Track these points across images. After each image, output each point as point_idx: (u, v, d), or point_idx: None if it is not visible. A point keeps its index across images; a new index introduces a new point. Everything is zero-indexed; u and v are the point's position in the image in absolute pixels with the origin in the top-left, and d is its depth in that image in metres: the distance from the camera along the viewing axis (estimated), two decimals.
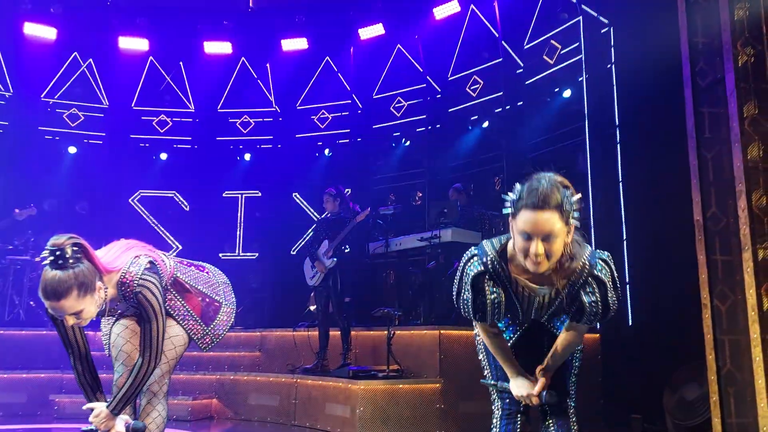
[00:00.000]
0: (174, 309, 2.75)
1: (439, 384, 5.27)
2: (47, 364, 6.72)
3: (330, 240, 6.29)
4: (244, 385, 6.50)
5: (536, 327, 2.40)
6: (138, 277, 2.42)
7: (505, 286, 2.15)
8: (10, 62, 8.95)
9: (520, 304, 2.20)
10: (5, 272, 7.80)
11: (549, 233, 1.95)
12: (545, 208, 1.93)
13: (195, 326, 2.78)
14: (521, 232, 1.98)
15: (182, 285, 2.78)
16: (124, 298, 2.45)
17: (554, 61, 7.15)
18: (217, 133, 9.65)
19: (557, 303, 2.16)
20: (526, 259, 2.00)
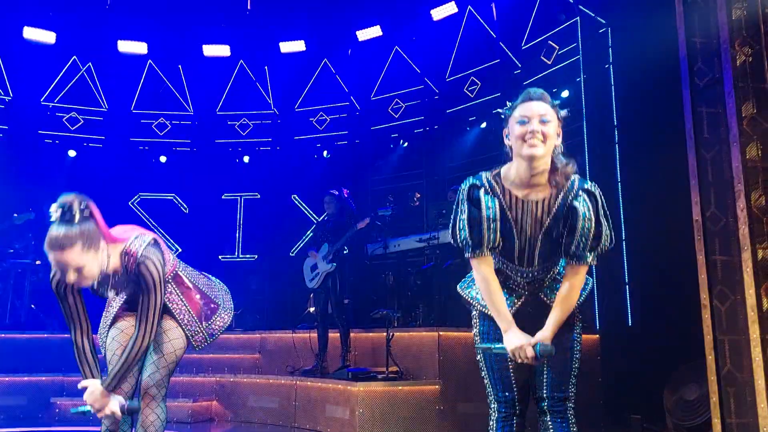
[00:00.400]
0: (171, 302, 2.74)
1: (438, 385, 5.27)
2: (48, 367, 6.73)
3: (330, 243, 6.29)
4: (244, 387, 6.50)
5: (533, 302, 2.38)
6: (141, 249, 2.47)
7: (500, 202, 2.27)
8: (10, 66, 8.96)
9: (515, 221, 2.28)
10: (6, 275, 7.80)
11: (544, 115, 2.22)
12: (540, 99, 2.26)
13: (191, 322, 2.77)
14: (519, 119, 2.24)
15: (182, 281, 2.79)
16: (126, 270, 2.48)
17: (552, 62, 7.15)
18: (216, 135, 9.65)
19: (551, 219, 2.26)
20: (524, 145, 2.20)
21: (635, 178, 5.96)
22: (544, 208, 2.27)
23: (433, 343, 5.46)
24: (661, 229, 5.44)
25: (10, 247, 7.86)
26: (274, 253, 9.40)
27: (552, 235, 2.28)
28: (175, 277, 2.78)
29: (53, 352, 6.90)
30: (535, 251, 2.32)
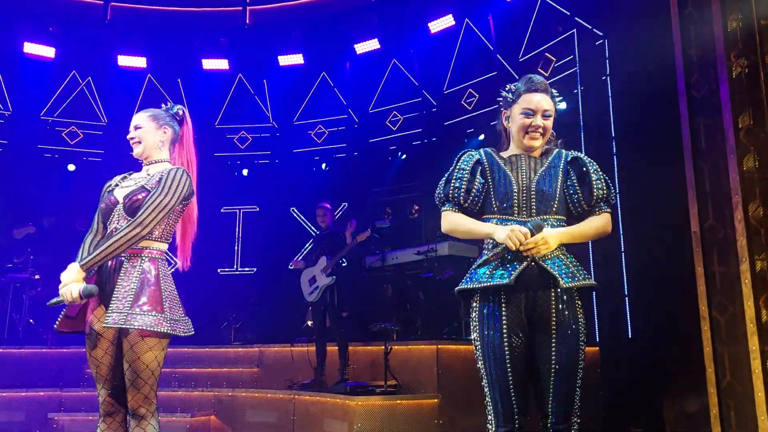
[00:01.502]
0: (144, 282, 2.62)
1: (437, 399, 5.23)
2: (46, 382, 6.69)
3: (328, 257, 6.29)
4: (242, 402, 6.46)
5: (537, 269, 2.33)
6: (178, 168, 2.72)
7: (497, 165, 2.46)
8: (10, 81, 8.99)
9: (512, 168, 2.44)
10: (5, 290, 7.78)
11: (546, 110, 2.44)
12: (544, 91, 2.46)
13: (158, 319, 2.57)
14: (524, 110, 2.44)
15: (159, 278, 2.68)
16: (159, 173, 2.70)
17: (549, 74, 7.17)
18: (215, 149, 9.66)
19: (544, 168, 2.43)
20: (525, 136, 2.44)
21: (633, 189, 5.96)
22: (537, 161, 2.48)
23: (431, 356, 5.43)
24: (660, 241, 5.43)
25: (9, 261, 7.85)
26: (272, 266, 9.37)
27: (546, 184, 2.40)
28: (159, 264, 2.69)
29: (51, 367, 6.88)
30: (531, 196, 2.38)
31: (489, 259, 2.38)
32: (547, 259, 2.34)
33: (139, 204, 2.61)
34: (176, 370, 6.93)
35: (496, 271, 2.34)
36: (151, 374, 2.57)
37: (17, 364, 6.92)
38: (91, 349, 2.62)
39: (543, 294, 2.33)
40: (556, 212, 2.41)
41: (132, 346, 2.54)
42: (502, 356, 2.30)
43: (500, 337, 2.31)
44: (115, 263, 2.63)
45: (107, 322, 2.50)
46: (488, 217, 2.44)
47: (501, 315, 2.32)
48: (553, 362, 2.29)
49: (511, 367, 2.30)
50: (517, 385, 2.31)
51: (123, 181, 2.83)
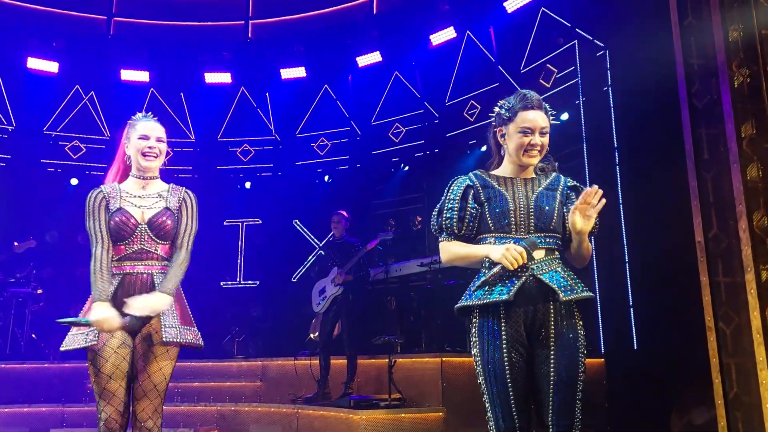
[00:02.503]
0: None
1: (441, 413, 5.20)
2: (49, 398, 6.68)
3: (339, 267, 6.26)
4: (246, 416, 6.42)
5: (535, 284, 2.33)
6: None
7: (490, 186, 2.46)
8: (14, 96, 9.04)
9: (507, 188, 2.45)
10: (7, 305, 7.77)
11: (544, 128, 2.45)
12: (539, 108, 2.46)
13: (184, 330, 2.74)
14: (522, 129, 2.43)
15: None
16: (168, 194, 2.81)
17: (551, 85, 7.18)
18: (218, 161, 9.69)
19: (542, 189, 2.44)
20: (524, 155, 2.43)
21: (637, 199, 5.94)
22: (534, 182, 2.49)
23: (436, 369, 5.40)
24: (664, 251, 5.40)
25: (12, 276, 7.85)
26: (275, 279, 9.36)
27: (544, 203, 2.41)
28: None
29: (53, 382, 6.87)
30: (530, 213, 2.38)
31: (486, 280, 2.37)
32: (545, 272, 2.36)
33: (170, 228, 2.75)
34: (179, 385, 6.90)
35: (495, 287, 2.35)
36: (166, 386, 2.68)
37: (19, 379, 6.92)
38: (102, 365, 2.63)
39: (542, 308, 2.34)
40: (553, 230, 2.42)
41: (157, 357, 2.64)
42: (502, 372, 2.31)
43: (500, 352, 2.31)
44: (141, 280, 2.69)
45: (167, 336, 2.62)
46: (485, 236, 2.43)
47: (500, 331, 2.33)
48: (552, 374, 2.29)
49: (511, 383, 2.30)
50: (519, 400, 2.31)
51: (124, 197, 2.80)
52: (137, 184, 2.86)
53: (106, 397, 2.62)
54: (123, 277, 2.70)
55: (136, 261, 2.72)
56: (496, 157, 2.60)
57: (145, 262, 2.73)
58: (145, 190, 2.84)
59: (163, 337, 2.62)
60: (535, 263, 2.35)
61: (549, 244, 2.40)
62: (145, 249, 2.72)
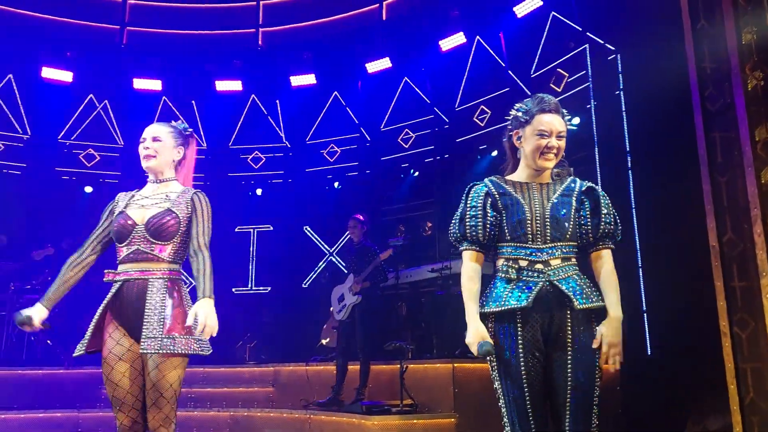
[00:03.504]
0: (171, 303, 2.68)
1: (453, 419, 5.18)
2: (64, 404, 6.72)
3: (355, 274, 6.26)
4: (258, 421, 6.43)
5: (552, 291, 2.33)
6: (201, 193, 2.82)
7: (507, 193, 2.44)
8: (29, 106, 9.14)
9: (524, 196, 2.43)
10: None
11: (561, 132, 2.45)
12: (557, 112, 2.47)
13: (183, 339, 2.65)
14: (539, 132, 2.43)
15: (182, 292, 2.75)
16: (180, 196, 2.76)
17: (562, 89, 7.17)
18: (229, 169, 9.74)
19: (558, 196, 2.43)
20: (540, 157, 2.43)
21: (650, 204, 5.91)
22: (549, 188, 2.48)
23: (447, 375, 5.38)
24: (678, 256, 5.36)
25: (27, 283, 7.92)
26: (287, 285, 9.39)
27: (560, 211, 2.40)
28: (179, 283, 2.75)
29: (68, 389, 6.91)
30: (546, 223, 2.37)
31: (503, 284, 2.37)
32: (562, 279, 2.35)
33: (170, 229, 2.68)
34: (192, 390, 6.93)
35: (512, 292, 2.34)
36: (173, 393, 2.61)
37: (35, 385, 6.97)
38: (108, 372, 2.63)
39: (558, 315, 2.34)
40: (569, 239, 2.41)
41: (157, 365, 2.57)
42: (518, 376, 2.30)
43: (516, 357, 2.31)
44: (136, 287, 2.66)
45: (144, 348, 2.55)
46: (502, 245, 2.43)
47: (517, 336, 2.33)
48: (569, 380, 2.29)
49: (528, 387, 2.30)
50: (535, 405, 2.30)
51: (133, 200, 2.81)
52: (150, 187, 2.87)
53: (116, 404, 2.62)
54: (121, 285, 2.67)
55: (133, 263, 2.68)
56: (511, 161, 2.59)
57: (141, 264, 2.68)
58: (155, 192, 2.83)
59: (141, 348, 2.54)
60: (552, 269, 2.35)
61: (565, 253, 2.39)
62: (141, 249, 2.68)
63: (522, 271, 2.36)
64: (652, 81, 5.67)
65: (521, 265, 2.37)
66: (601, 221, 2.43)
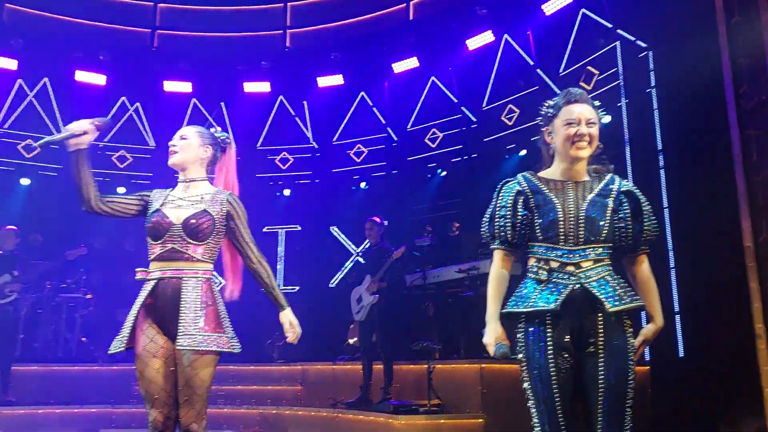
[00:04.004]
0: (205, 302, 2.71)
1: (481, 419, 5.16)
2: (98, 399, 6.88)
3: (372, 274, 6.29)
4: (287, 420, 6.49)
5: (581, 294, 2.29)
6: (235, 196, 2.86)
7: (540, 192, 2.39)
8: (63, 109, 9.34)
9: (557, 195, 2.37)
10: (58, 309, 8.04)
11: (590, 119, 2.37)
12: (585, 101, 2.41)
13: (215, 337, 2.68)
14: (565, 122, 2.38)
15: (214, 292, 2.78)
16: (214, 197, 2.80)
17: (592, 87, 7.07)
18: (258, 170, 9.82)
19: (594, 196, 2.36)
20: (572, 147, 2.36)
21: (682, 203, 5.80)
22: (586, 187, 2.41)
23: (475, 375, 5.36)
24: (711, 256, 5.26)
25: (63, 281, 8.12)
26: (314, 285, 9.44)
27: (595, 212, 2.34)
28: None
29: (102, 385, 7.06)
30: (579, 224, 2.32)
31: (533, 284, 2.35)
32: (593, 281, 2.31)
33: (206, 230, 2.72)
34: (222, 388, 7.02)
35: (541, 293, 2.32)
36: (205, 390, 2.64)
37: (70, 381, 7.14)
38: (142, 369, 2.65)
39: (589, 317, 2.30)
40: (603, 240, 2.35)
41: (191, 363, 2.61)
42: (548, 377, 2.28)
43: (546, 358, 2.29)
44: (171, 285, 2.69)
45: (180, 344, 2.59)
46: (534, 245, 2.40)
47: (546, 337, 2.30)
48: (601, 382, 2.25)
49: (558, 388, 2.27)
50: (565, 406, 2.28)
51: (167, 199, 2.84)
52: (181, 187, 2.90)
53: (149, 400, 2.65)
54: (156, 284, 2.70)
55: (167, 261, 2.71)
56: (546, 160, 2.54)
57: (176, 263, 2.71)
58: (187, 192, 2.86)
59: (177, 345, 2.59)
60: (583, 271, 2.32)
61: (598, 255, 2.34)
62: (177, 249, 2.70)
63: (553, 272, 2.33)
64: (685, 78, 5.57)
65: (552, 266, 2.34)
66: (644, 229, 2.39)
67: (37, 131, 9.24)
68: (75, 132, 2.70)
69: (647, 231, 2.39)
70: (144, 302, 2.71)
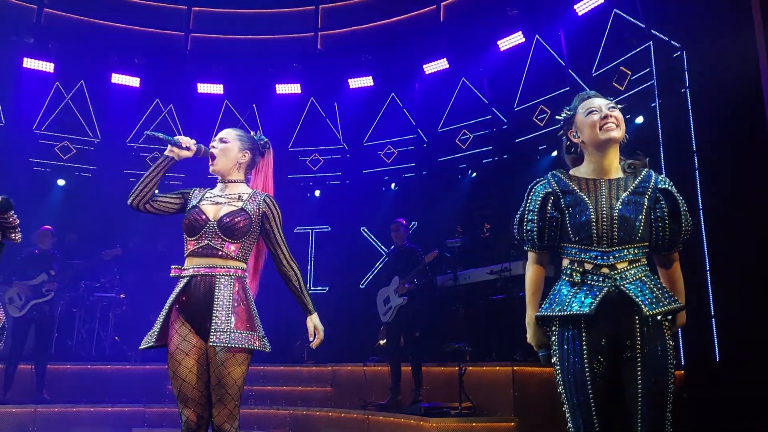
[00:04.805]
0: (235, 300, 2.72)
1: (513, 422, 5.12)
2: (131, 398, 6.97)
3: (400, 276, 6.29)
4: (317, 421, 6.52)
5: (617, 296, 2.24)
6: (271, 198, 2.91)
7: (571, 191, 2.36)
8: (99, 110, 9.55)
9: (589, 195, 2.33)
10: (93, 308, 8.20)
11: (609, 104, 2.39)
12: (597, 96, 2.44)
13: (248, 335, 2.69)
14: (587, 111, 2.38)
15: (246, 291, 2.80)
16: (251, 197, 2.86)
17: (624, 88, 6.97)
18: (289, 171, 9.90)
19: (628, 194, 2.31)
20: (601, 132, 2.33)
21: (718, 205, 5.68)
22: (620, 184, 2.35)
23: (507, 378, 5.32)
24: (748, 259, 5.15)
25: (97, 281, 8.28)
26: (344, 286, 9.48)
27: (629, 212, 2.28)
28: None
29: (135, 383, 7.15)
30: (613, 226, 2.28)
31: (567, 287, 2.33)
32: (629, 283, 2.26)
33: (242, 228, 2.75)
34: (253, 388, 7.09)
35: (576, 297, 2.28)
36: (237, 390, 2.65)
37: (104, 380, 7.25)
38: (175, 368, 2.67)
39: (626, 320, 2.25)
40: (639, 240, 2.30)
41: (223, 362, 2.62)
42: (583, 381, 2.24)
43: (581, 362, 2.25)
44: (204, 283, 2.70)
45: (213, 341, 2.60)
46: (566, 245, 2.37)
47: (582, 340, 2.26)
48: (639, 387, 2.20)
49: (593, 392, 2.23)
50: (600, 411, 2.24)
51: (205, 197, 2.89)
52: (220, 186, 2.94)
53: (182, 399, 2.66)
54: (189, 281, 2.71)
55: (201, 257, 2.73)
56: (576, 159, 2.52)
57: (210, 259, 2.72)
58: (225, 191, 2.90)
59: (210, 341, 2.60)
60: (619, 273, 2.27)
61: (634, 255, 2.29)
62: (211, 245, 2.72)
63: (587, 274, 2.29)
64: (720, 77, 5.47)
65: (586, 269, 2.30)
66: (682, 229, 2.34)
67: (73, 133, 9.48)
68: (180, 143, 2.88)
69: (684, 232, 2.35)
70: (177, 299, 2.73)
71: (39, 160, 9.34)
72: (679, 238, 2.35)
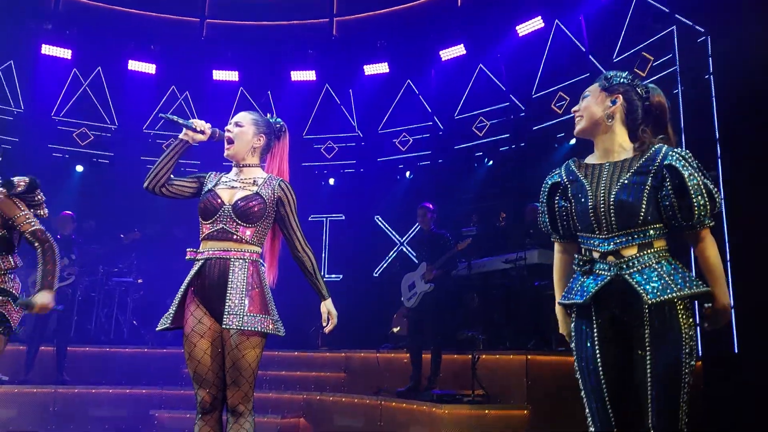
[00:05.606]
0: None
1: (526, 410, 5.10)
2: (148, 381, 7.09)
3: (428, 262, 6.24)
4: (330, 406, 6.55)
5: (618, 285, 2.20)
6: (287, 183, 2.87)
7: (577, 180, 2.35)
8: (116, 97, 9.61)
9: (590, 181, 2.30)
10: (111, 293, 8.30)
11: (585, 93, 2.47)
12: (594, 84, 2.48)
13: (262, 319, 2.70)
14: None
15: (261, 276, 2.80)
16: (266, 182, 2.84)
17: (646, 74, 6.84)
18: (303, 158, 9.89)
19: (630, 174, 2.23)
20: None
21: (741, 194, 5.57)
22: (624, 166, 2.29)
23: (521, 366, 5.30)
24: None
25: (115, 266, 8.36)
26: (358, 274, 9.48)
27: (628, 195, 2.20)
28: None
29: (152, 366, 7.27)
30: (609, 212, 2.22)
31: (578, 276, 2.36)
32: (634, 270, 2.20)
33: (257, 212, 2.74)
34: (267, 373, 7.14)
35: (582, 286, 2.31)
36: (251, 372, 2.67)
37: (122, 363, 7.37)
38: (190, 350, 2.69)
39: (633, 308, 2.21)
40: (644, 223, 2.20)
41: (237, 345, 2.64)
42: (595, 367, 2.26)
43: (592, 348, 2.28)
44: (218, 266, 2.71)
45: (226, 324, 2.62)
46: (578, 235, 2.38)
47: (593, 328, 2.29)
48: (649, 375, 2.16)
49: (605, 378, 2.24)
50: (613, 396, 2.24)
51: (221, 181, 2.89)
52: (235, 171, 2.93)
53: (197, 380, 2.69)
54: (203, 264, 2.72)
55: (216, 241, 2.73)
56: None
57: (224, 243, 2.72)
58: (240, 175, 2.89)
59: (223, 324, 2.61)
60: (625, 261, 2.21)
61: (642, 239, 2.20)
62: (226, 229, 2.72)
63: (595, 263, 2.28)
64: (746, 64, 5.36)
65: (594, 257, 2.29)
66: (693, 205, 2.14)
67: (91, 119, 9.55)
68: (196, 127, 2.88)
69: (698, 208, 2.14)
70: (192, 282, 2.74)
71: (57, 146, 9.43)
72: (693, 214, 2.16)
